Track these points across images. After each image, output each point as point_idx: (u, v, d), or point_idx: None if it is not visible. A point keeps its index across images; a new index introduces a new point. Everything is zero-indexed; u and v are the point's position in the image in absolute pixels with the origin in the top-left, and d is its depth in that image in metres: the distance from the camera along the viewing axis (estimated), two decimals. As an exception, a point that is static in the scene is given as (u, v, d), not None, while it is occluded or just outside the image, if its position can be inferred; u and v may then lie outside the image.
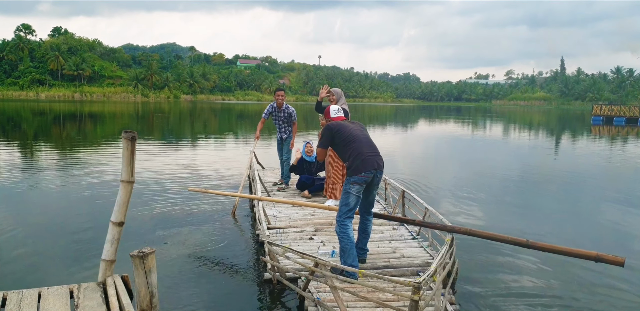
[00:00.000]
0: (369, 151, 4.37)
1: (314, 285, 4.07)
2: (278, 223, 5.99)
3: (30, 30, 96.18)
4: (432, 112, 67.25)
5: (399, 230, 5.78)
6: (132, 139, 3.04)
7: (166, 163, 12.17)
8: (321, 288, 4.02)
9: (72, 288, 3.19)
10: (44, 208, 7.55)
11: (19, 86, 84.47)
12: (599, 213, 8.17)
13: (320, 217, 6.25)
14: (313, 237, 5.45)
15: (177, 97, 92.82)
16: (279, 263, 4.38)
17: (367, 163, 4.29)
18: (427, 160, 15.18)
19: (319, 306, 3.74)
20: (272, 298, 4.32)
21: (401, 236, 5.55)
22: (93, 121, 30.92)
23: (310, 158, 7.85)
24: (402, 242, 5.36)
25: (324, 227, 5.77)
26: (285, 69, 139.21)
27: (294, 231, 5.62)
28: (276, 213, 6.42)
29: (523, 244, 4.03)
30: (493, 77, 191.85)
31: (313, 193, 7.37)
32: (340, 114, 4.97)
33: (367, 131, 4.70)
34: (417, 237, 5.51)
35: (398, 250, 5.05)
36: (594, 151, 18.78)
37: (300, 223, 6.01)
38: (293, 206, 6.69)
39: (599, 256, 3.64)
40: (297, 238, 5.41)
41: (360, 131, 4.55)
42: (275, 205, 6.80)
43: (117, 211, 3.18)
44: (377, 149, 4.50)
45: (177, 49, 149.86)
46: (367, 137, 4.55)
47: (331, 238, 5.33)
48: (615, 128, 33.75)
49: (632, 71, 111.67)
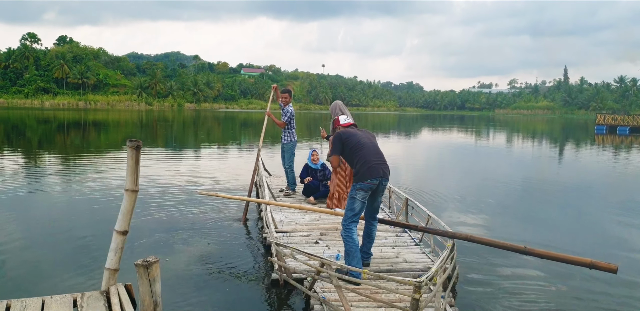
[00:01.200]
0: (376, 159, 4.50)
1: (320, 285, 4.22)
2: (284, 227, 6.13)
3: (36, 39, 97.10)
4: (435, 121, 67.28)
5: (402, 237, 5.89)
6: (136, 148, 3.05)
7: (170, 171, 12.19)
8: (326, 288, 4.17)
9: (75, 296, 3.18)
10: (48, 216, 7.56)
11: (24, 94, 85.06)
12: (600, 221, 8.14)
13: (326, 222, 6.41)
14: (319, 241, 5.59)
15: (180, 105, 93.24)
16: (286, 264, 4.51)
17: (373, 170, 4.43)
18: (430, 169, 15.16)
19: (324, 305, 3.87)
20: (279, 297, 4.47)
21: (404, 242, 5.67)
22: (97, 130, 31.06)
23: (316, 165, 7.96)
24: (404, 248, 5.47)
25: (329, 232, 5.93)
26: (289, 77, 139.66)
27: (300, 235, 5.79)
28: (283, 218, 6.57)
29: (521, 251, 4.08)
30: (496, 86, 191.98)
31: (318, 199, 7.51)
32: (350, 121, 5.10)
33: (375, 139, 4.82)
34: (420, 243, 5.61)
35: (401, 255, 5.16)
36: (598, 160, 18.73)
37: (306, 227, 6.16)
38: (299, 211, 6.84)
39: (593, 263, 3.72)
40: (303, 242, 5.55)
41: (369, 139, 4.68)
42: (282, 210, 6.96)
43: (121, 219, 3.19)
44: (383, 157, 4.61)
45: (181, 58, 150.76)
46: (375, 145, 4.67)
47: (336, 243, 5.47)
48: (619, 138, 33.64)
49: (636, 80, 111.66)
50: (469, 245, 4.95)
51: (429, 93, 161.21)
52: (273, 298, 4.47)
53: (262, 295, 4.54)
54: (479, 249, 5.66)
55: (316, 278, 3.99)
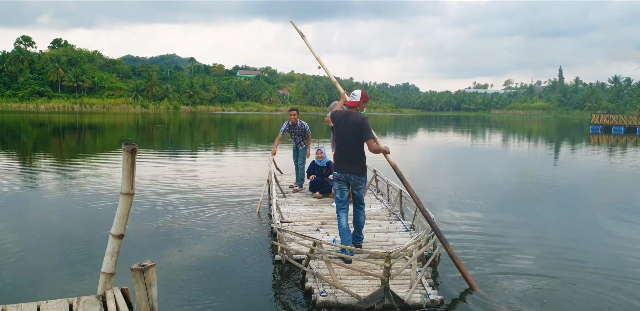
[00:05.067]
0: (343, 156, 5.09)
1: (315, 264, 4.93)
2: (290, 218, 6.84)
3: (30, 42, 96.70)
4: (431, 122, 67.43)
5: (395, 224, 6.57)
6: (132, 151, 3.03)
7: (166, 173, 12.15)
8: (321, 266, 4.84)
9: (71, 301, 3.16)
10: (44, 220, 7.52)
11: (19, 97, 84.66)
12: (595, 221, 8.17)
13: (327, 213, 7.09)
14: (319, 229, 6.30)
15: (177, 108, 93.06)
16: (287, 246, 5.27)
17: (338, 166, 5.17)
18: (426, 169, 15.16)
19: (317, 278, 4.61)
20: (281, 274, 5.26)
21: (396, 229, 6.37)
22: (93, 133, 30.97)
23: (321, 163, 8.58)
24: (396, 233, 6.15)
25: (330, 221, 6.60)
26: (285, 79, 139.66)
27: (303, 224, 6.50)
28: (289, 210, 7.29)
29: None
30: (492, 86, 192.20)
31: (323, 194, 8.22)
32: (354, 99, 5.14)
33: (358, 131, 4.95)
34: (410, 230, 6.26)
35: (391, 239, 5.84)
36: (594, 159, 18.79)
37: (310, 218, 6.86)
38: (305, 205, 7.72)
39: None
40: (305, 230, 6.17)
41: (348, 134, 5.00)
42: (289, 204, 7.78)
43: (117, 223, 3.16)
44: (352, 156, 5.03)
45: (177, 60, 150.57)
46: (351, 141, 4.99)
47: (335, 230, 6.02)
48: (614, 137, 33.79)
49: (630, 80, 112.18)
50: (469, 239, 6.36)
51: (424, 94, 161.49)
52: (277, 275, 5.25)
53: (268, 273, 5.30)
54: (477, 243, 6.36)
55: (310, 256, 4.69)
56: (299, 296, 4.66)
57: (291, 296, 4.70)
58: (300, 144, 8.99)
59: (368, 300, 4.05)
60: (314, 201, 7.96)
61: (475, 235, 6.96)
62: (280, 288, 4.94)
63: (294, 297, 4.66)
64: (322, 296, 4.27)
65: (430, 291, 4.38)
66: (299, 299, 4.61)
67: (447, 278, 5.15)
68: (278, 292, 4.83)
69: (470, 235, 6.93)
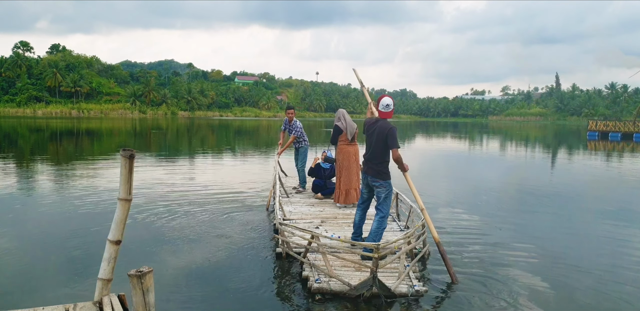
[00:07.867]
0: (367, 160, 5.53)
1: (312, 257, 5.34)
2: (292, 216, 7.20)
3: (28, 48, 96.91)
4: (429, 128, 67.53)
5: (391, 224, 6.86)
6: (130, 157, 3.03)
7: (164, 179, 12.13)
8: (318, 259, 5.23)
9: (67, 307, 3.14)
10: (40, 225, 7.49)
11: (16, 102, 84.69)
12: (591, 227, 8.16)
13: (328, 213, 7.47)
14: (319, 226, 6.65)
15: (174, 113, 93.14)
16: (287, 239, 5.64)
17: (363, 167, 5.63)
18: (422, 173, 15.16)
19: (313, 268, 5.04)
20: (281, 266, 5.61)
21: (391, 228, 6.68)
22: (90, 138, 30.93)
23: (325, 165, 8.89)
24: (390, 232, 6.43)
25: (329, 220, 7.06)
26: (283, 85, 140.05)
27: (304, 222, 6.87)
28: (292, 209, 7.66)
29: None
30: (489, 93, 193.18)
31: (325, 195, 8.57)
32: (387, 110, 5.59)
33: (384, 137, 5.34)
34: (405, 230, 6.53)
35: (385, 237, 5.96)
36: (591, 165, 18.83)
37: (311, 216, 7.25)
38: (307, 205, 8.04)
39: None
40: (305, 227, 6.35)
41: (375, 141, 5.42)
42: (292, 203, 8.12)
43: (114, 229, 3.16)
44: (373, 160, 5.45)
45: (175, 66, 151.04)
46: (376, 146, 5.41)
47: (333, 228, 6.62)
48: (611, 144, 33.90)
49: (627, 86, 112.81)
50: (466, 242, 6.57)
51: (422, 100, 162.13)
52: (277, 266, 5.60)
53: (269, 264, 5.65)
54: (474, 244, 6.49)
55: (308, 248, 5.16)
56: (297, 287, 5.00)
57: (290, 287, 5.04)
58: (300, 143, 9.33)
59: (358, 287, 4.50)
60: (316, 202, 8.25)
61: (471, 238, 6.99)
62: (280, 279, 5.26)
63: (292, 288, 5.01)
64: (317, 283, 4.72)
65: (416, 283, 4.77)
66: (297, 289, 4.95)
67: (435, 273, 5.44)
68: (278, 285, 5.11)
69: (466, 238, 6.95)
